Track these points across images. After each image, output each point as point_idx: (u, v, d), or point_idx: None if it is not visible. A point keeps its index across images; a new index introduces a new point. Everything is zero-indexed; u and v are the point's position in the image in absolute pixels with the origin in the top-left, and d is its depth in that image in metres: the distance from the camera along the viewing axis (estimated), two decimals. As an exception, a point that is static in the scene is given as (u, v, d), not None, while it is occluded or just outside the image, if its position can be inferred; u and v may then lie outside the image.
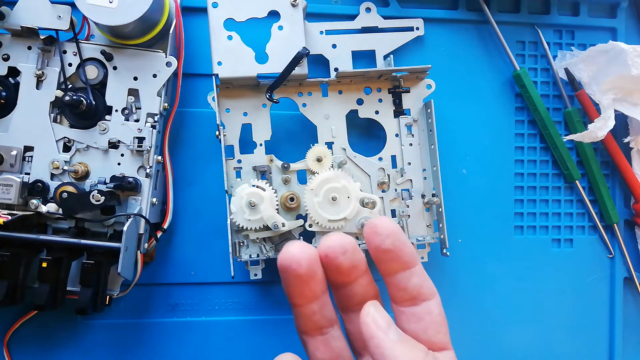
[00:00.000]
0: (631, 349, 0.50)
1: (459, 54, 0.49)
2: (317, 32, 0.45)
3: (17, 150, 0.38)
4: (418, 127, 0.44)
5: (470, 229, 0.48)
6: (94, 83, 0.40)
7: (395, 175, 0.44)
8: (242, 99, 0.42)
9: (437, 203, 0.42)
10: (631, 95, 0.46)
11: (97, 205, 0.36)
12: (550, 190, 0.50)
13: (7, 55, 0.39)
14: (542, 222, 0.50)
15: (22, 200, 0.38)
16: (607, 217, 0.50)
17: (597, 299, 0.50)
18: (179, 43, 0.41)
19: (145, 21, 0.38)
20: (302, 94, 0.43)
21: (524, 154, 0.50)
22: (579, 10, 0.51)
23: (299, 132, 0.45)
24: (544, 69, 0.50)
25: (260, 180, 0.40)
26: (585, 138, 0.45)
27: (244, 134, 0.42)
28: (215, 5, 0.39)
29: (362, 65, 0.46)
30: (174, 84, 0.42)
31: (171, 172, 0.43)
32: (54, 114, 0.40)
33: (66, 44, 0.40)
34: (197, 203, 0.45)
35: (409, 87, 0.44)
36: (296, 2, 0.40)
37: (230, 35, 0.39)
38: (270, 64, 0.40)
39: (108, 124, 0.39)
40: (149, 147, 0.39)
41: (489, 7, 0.48)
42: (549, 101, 0.50)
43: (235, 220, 0.39)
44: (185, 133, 0.45)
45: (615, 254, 0.50)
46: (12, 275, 0.36)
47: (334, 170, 0.41)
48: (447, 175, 0.44)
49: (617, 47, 0.44)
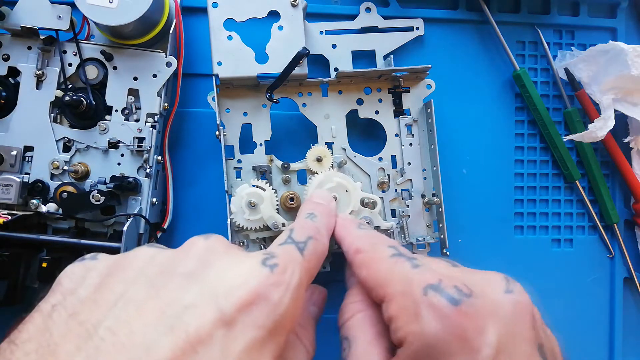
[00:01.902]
0: (631, 349, 0.50)
1: (459, 54, 0.49)
2: (317, 32, 0.45)
3: (17, 150, 0.38)
4: (418, 127, 0.44)
5: (470, 229, 0.48)
6: (94, 83, 0.40)
7: (395, 175, 0.44)
8: (242, 99, 0.42)
9: (437, 203, 0.42)
10: (631, 95, 0.46)
11: (97, 205, 0.36)
12: (550, 190, 0.50)
13: (7, 55, 0.39)
14: (542, 222, 0.50)
15: (22, 200, 0.38)
16: (607, 217, 0.50)
17: (597, 299, 0.50)
18: (179, 43, 0.41)
19: (145, 21, 0.38)
20: (302, 94, 0.43)
21: (524, 154, 0.50)
22: (579, 10, 0.51)
23: (299, 132, 0.45)
24: (544, 69, 0.50)
25: (260, 180, 0.40)
26: (585, 138, 0.45)
27: (244, 134, 0.42)
28: (215, 5, 0.39)
29: (362, 65, 0.46)
30: (174, 84, 0.42)
31: (171, 172, 0.43)
32: (54, 114, 0.40)
33: (66, 44, 0.40)
34: (197, 203, 0.45)
35: (409, 87, 0.44)
36: (296, 2, 0.40)
37: (230, 35, 0.39)
38: (270, 64, 0.40)
39: (108, 124, 0.39)
40: (149, 147, 0.39)
41: (489, 7, 0.48)
42: (549, 101, 0.50)
43: (235, 220, 0.39)
44: (185, 133, 0.45)
45: (615, 254, 0.50)
46: (12, 275, 0.36)
47: (325, 172, 0.40)
48: (447, 175, 0.44)
49: (617, 47, 0.44)
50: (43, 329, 0.20)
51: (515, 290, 0.23)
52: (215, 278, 0.21)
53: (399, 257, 0.26)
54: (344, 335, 0.27)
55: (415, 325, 0.22)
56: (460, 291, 0.22)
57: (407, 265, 0.25)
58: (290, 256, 0.24)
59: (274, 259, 0.23)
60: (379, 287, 0.25)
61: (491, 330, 0.21)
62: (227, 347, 0.19)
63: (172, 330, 0.19)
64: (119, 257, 0.23)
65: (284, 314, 0.21)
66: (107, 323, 0.19)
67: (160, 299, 0.20)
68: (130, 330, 0.19)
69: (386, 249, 0.27)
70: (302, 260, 0.25)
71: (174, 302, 0.20)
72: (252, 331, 0.20)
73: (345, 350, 0.26)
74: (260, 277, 0.21)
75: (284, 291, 0.21)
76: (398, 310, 0.24)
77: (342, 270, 0.41)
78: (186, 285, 0.21)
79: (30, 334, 0.20)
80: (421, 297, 0.22)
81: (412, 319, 0.22)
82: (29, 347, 0.19)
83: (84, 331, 0.19)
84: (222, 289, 0.20)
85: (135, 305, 0.20)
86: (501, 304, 0.22)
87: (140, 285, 0.21)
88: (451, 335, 0.21)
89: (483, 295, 0.22)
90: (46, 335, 0.19)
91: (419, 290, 0.23)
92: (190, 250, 0.23)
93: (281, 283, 0.21)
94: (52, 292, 0.22)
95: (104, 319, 0.19)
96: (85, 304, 0.20)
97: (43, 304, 0.21)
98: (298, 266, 0.23)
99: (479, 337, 0.21)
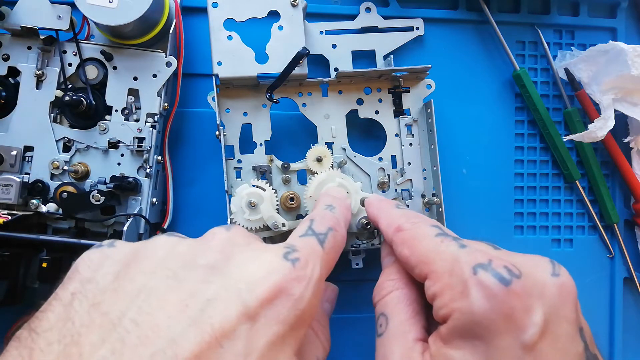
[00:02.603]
0: (631, 349, 0.50)
1: (459, 54, 0.49)
2: (317, 32, 0.45)
3: (17, 150, 0.38)
4: (418, 127, 0.44)
5: (470, 229, 0.48)
6: (94, 83, 0.40)
7: (395, 175, 0.44)
8: (242, 99, 0.42)
9: (437, 203, 0.42)
10: (631, 95, 0.46)
11: (97, 205, 0.36)
12: (550, 190, 0.50)
13: (7, 55, 0.39)
14: (542, 222, 0.50)
15: (22, 200, 0.38)
16: (607, 217, 0.50)
17: (597, 299, 0.50)
18: (179, 43, 0.41)
19: (145, 21, 0.38)
20: (302, 94, 0.43)
21: (524, 154, 0.50)
22: (579, 10, 0.51)
23: (299, 132, 0.45)
24: (544, 69, 0.50)
25: (260, 180, 0.40)
26: (585, 138, 0.45)
27: (244, 134, 0.42)
28: (215, 5, 0.39)
29: (362, 65, 0.46)
30: (174, 84, 0.42)
31: (171, 172, 0.43)
32: (54, 114, 0.40)
33: (66, 44, 0.40)
34: (197, 203, 0.45)
35: (408, 87, 0.44)
36: (296, 2, 0.40)
37: (230, 35, 0.39)
38: (270, 64, 0.40)
39: (108, 124, 0.39)
40: (149, 147, 0.39)
41: (489, 7, 0.48)
42: (549, 101, 0.50)
43: (236, 220, 0.39)
44: (185, 133, 0.45)
45: (615, 254, 0.50)
46: (12, 275, 0.36)
47: (327, 171, 0.40)
48: (447, 175, 0.44)
49: (617, 47, 0.44)
50: (65, 318, 0.19)
51: (561, 273, 0.23)
52: (238, 271, 0.21)
53: (445, 237, 0.26)
54: (381, 312, 0.27)
55: (463, 302, 0.22)
56: (511, 271, 0.22)
57: (454, 244, 0.25)
58: (311, 249, 0.24)
59: (296, 252, 0.23)
60: (423, 264, 0.26)
61: (538, 311, 0.21)
62: (250, 341, 0.19)
63: (197, 324, 0.19)
64: (137, 245, 0.23)
65: (305, 309, 0.21)
66: (131, 314, 0.19)
67: (183, 291, 0.20)
68: (154, 322, 0.19)
69: (430, 228, 0.27)
70: (323, 253, 0.25)
71: (196, 294, 0.20)
72: (275, 326, 0.20)
73: (382, 326, 0.26)
74: (282, 271, 0.21)
75: (306, 286, 0.21)
76: (444, 288, 0.24)
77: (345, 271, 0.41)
78: (208, 278, 0.20)
79: (51, 323, 0.19)
80: (471, 276, 0.23)
81: (459, 297, 0.23)
82: (51, 337, 0.19)
83: (108, 322, 0.19)
84: (245, 282, 0.20)
85: (157, 297, 0.20)
86: (548, 286, 0.22)
87: (161, 276, 0.21)
88: (499, 313, 0.21)
89: (531, 277, 0.22)
90: (68, 324, 0.19)
91: (468, 269, 0.23)
92: (212, 241, 0.23)
93: (303, 278, 0.22)
94: (69, 279, 0.22)
95: (127, 310, 0.19)
96: (106, 293, 0.20)
97: (61, 292, 0.21)
98: (319, 260, 0.24)
99: (526, 316, 0.21)
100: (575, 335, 0.22)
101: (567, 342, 0.22)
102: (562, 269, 0.23)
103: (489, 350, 0.21)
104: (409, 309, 0.26)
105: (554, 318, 0.22)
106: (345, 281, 0.33)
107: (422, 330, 0.26)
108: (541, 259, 0.24)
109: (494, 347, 0.21)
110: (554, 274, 0.23)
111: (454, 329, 0.23)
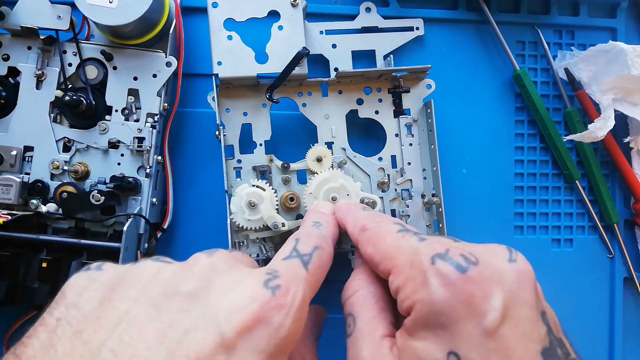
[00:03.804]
0: (631, 349, 0.50)
1: (459, 54, 0.49)
2: (317, 32, 0.45)
3: (17, 150, 0.38)
4: (418, 127, 0.44)
5: (470, 229, 0.48)
6: (94, 83, 0.40)
7: (395, 175, 0.44)
8: (242, 99, 0.42)
9: (437, 203, 0.42)
10: (631, 95, 0.46)
11: (97, 205, 0.36)
12: (550, 190, 0.50)
13: (7, 55, 0.39)
14: (542, 222, 0.50)
15: (22, 200, 0.38)
16: (607, 217, 0.50)
17: (597, 299, 0.50)
18: (179, 43, 0.41)
19: (145, 21, 0.38)
20: (302, 94, 0.43)
21: (524, 154, 0.50)
22: (578, 10, 0.51)
23: (299, 132, 0.45)
24: (544, 69, 0.50)
25: (260, 180, 0.40)
26: (585, 138, 0.45)
27: (244, 134, 0.42)
28: (215, 5, 0.39)
29: (362, 65, 0.46)
30: (174, 84, 0.42)
31: (171, 172, 0.43)
32: (54, 114, 0.40)
33: (66, 44, 0.40)
34: (197, 203, 0.45)
35: (408, 87, 0.44)
36: (296, 2, 0.40)
37: (230, 35, 0.39)
38: (270, 64, 0.40)
39: (108, 124, 0.39)
40: (149, 147, 0.39)
41: (489, 7, 0.48)
42: (549, 101, 0.50)
43: (235, 220, 0.39)
44: (185, 133, 0.45)
45: (615, 254, 0.50)
46: (12, 275, 0.36)
47: (330, 170, 0.41)
48: (447, 175, 0.44)
49: (617, 47, 0.44)
50: (48, 346, 0.20)
51: (518, 259, 0.23)
52: (217, 299, 0.21)
53: (406, 232, 0.26)
54: (348, 312, 0.27)
55: (423, 293, 0.22)
56: (467, 259, 0.22)
57: (414, 238, 0.25)
58: (294, 274, 0.24)
59: (277, 279, 0.22)
60: (386, 259, 0.26)
61: (497, 296, 0.21)
62: None
63: (174, 356, 0.19)
64: (123, 270, 0.23)
65: (285, 337, 0.21)
66: (110, 344, 0.19)
67: (162, 321, 0.20)
68: (132, 353, 0.19)
69: (392, 225, 0.28)
70: (307, 276, 0.25)
71: (174, 325, 0.20)
72: (253, 356, 0.20)
73: (350, 326, 0.27)
74: (261, 300, 0.21)
75: (286, 313, 0.21)
76: (405, 280, 0.24)
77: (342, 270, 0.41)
78: (187, 307, 0.20)
79: (35, 350, 0.20)
80: (429, 266, 0.23)
81: (420, 288, 0.23)
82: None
83: (88, 351, 0.19)
84: (223, 312, 0.20)
85: (137, 326, 0.20)
86: (506, 272, 0.23)
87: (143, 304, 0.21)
88: (458, 301, 0.22)
89: (488, 264, 0.23)
90: (51, 352, 0.19)
91: (427, 260, 0.23)
92: (194, 268, 0.23)
93: (283, 306, 0.21)
94: (56, 303, 0.22)
95: (107, 339, 0.19)
96: (89, 320, 0.20)
97: (48, 317, 0.21)
98: (301, 284, 0.23)
99: (485, 302, 0.21)
100: (536, 319, 0.22)
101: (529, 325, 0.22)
102: (519, 255, 0.24)
103: (452, 337, 0.21)
104: (375, 306, 0.27)
105: (514, 303, 0.22)
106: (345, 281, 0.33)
107: (389, 327, 0.26)
108: (498, 247, 0.24)
109: (456, 334, 0.21)
110: (511, 260, 0.23)
111: (417, 320, 0.23)
